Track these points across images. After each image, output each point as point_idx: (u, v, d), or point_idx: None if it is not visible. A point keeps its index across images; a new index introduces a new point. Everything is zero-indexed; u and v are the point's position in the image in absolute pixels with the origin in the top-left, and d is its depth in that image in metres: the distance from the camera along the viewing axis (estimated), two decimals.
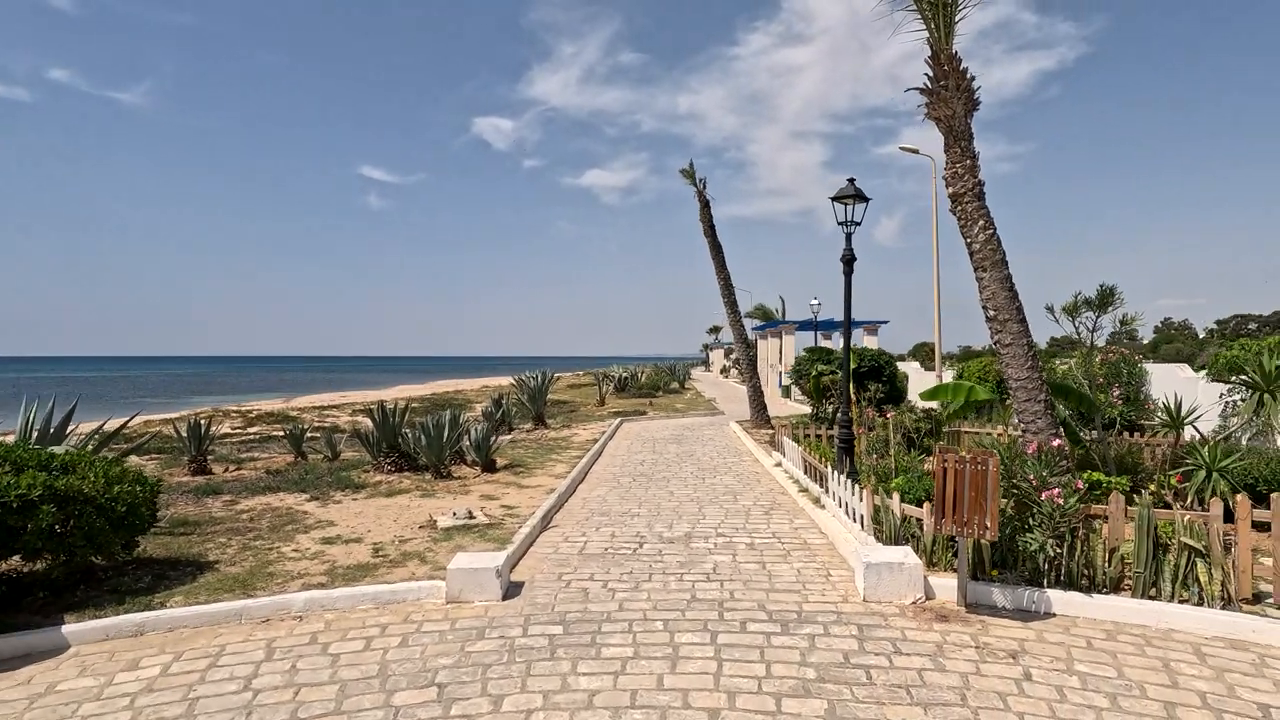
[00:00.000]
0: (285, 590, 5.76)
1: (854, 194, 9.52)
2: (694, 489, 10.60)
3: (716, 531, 7.99)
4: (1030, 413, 6.83)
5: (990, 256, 7.03)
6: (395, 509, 8.84)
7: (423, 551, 6.86)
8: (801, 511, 8.95)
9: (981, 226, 7.09)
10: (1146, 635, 5.02)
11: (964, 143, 7.25)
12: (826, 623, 5.23)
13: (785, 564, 6.76)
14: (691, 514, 8.90)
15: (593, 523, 8.46)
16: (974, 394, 8.34)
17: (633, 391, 33.53)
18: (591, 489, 10.68)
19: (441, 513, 8.37)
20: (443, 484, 10.49)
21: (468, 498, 9.56)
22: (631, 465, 13.01)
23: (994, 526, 5.06)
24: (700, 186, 18.65)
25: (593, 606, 5.61)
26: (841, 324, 32.49)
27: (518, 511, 8.67)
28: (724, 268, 18.57)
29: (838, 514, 7.94)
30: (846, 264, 9.72)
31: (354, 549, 6.99)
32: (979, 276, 7.12)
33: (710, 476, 11.71)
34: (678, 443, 16.41)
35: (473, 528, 7.67)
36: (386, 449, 11.79)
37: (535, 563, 6.82)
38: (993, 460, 5.02)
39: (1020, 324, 6.97)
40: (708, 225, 18.57)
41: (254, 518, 8.34)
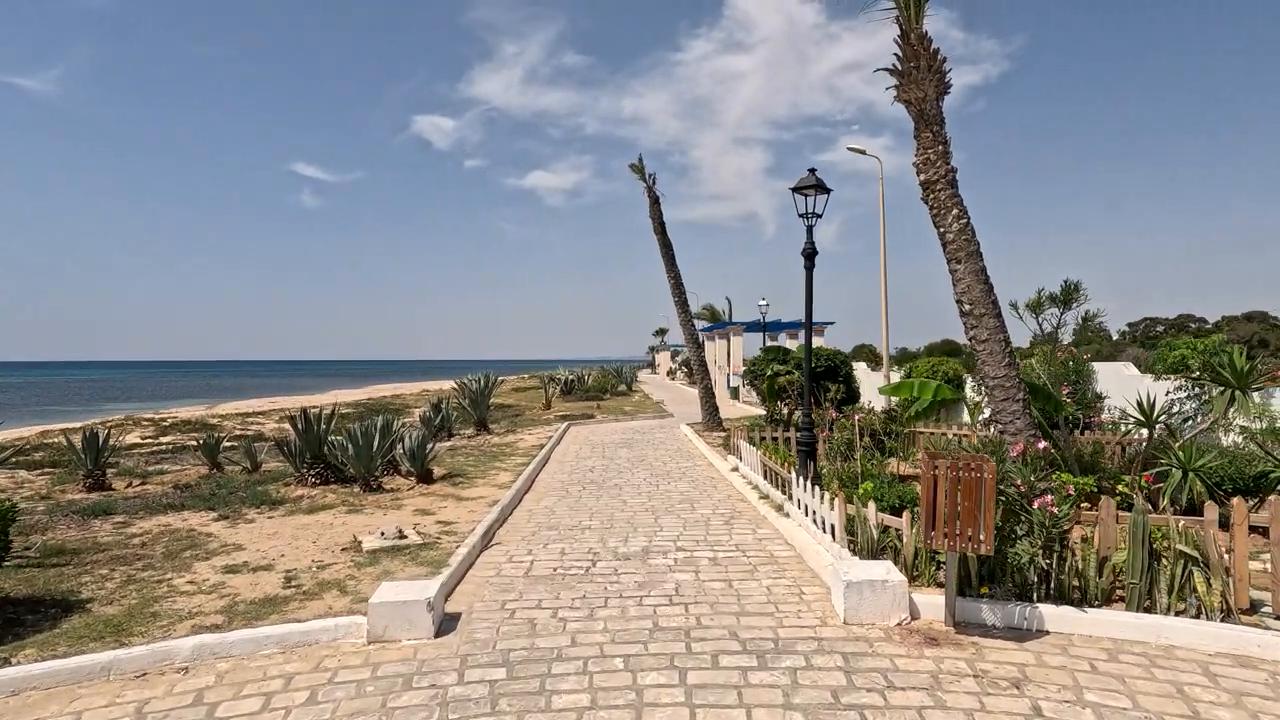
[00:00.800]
0: (170, 635, 4.82)
1: (815, 185, 9.06)
2: (648, 497, 9.95)
3: (676, 545, 7.36)
4: (1009, 413, 6.45)
5: (965, 247, 6.63)
6: (316, 528, 7.88)
7: (343, 580, 5.97)
8: (764, 520, 8.40)
9: (955, 215, 6.68)
10: (1148, 654, 4.62)
11: (935, 127, 6.84)
12: (807, 652, 4.64)
13: (753, 581, 6.16)
14: (647, 525, 8.24)
15: (540, 538, 7.71)
16: (940, 392, 7.98)
17: (579, 394, 32.73)
18: (538, 499, 9.90)
19: (368, 532, 7.47)
20: (372, 498, 9.53)
21: (399, 513, 8.65)
22: (581, 472, 12.27)
23: (989, 539, 4.57)
24: (649, 182, 18.08)
25: (541, 642, 4.87)
26: (790, 325, 32.38)
27: (456, 528, 7.84)
28: (674, 265, 18.03)
29: (804, 523, 7.41)
30: (808, 258, 9.25)
31: (262, 579, 6.05)
32: (953, 269, 6.71)
33: (664, 483, 11.08)
34: (628, 447, 15.75)
35: (403, 549, 6.81)
36: (310, 460, 10.73)
37: (475, 589, 6.03)
38: (988, 467, 4.53)
39: (997, 319, 6.59)
40: (657, 222, 18.00)
41: (148, 542, 7.26)
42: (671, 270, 17.97)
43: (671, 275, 17.98)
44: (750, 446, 10.69)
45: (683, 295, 18.03)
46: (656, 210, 18.00)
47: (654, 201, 18.00)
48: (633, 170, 18.14)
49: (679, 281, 18.01)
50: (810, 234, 9.27)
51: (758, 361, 13.13)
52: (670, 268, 17.99)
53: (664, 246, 18.02)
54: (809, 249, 9.24)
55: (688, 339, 18.14)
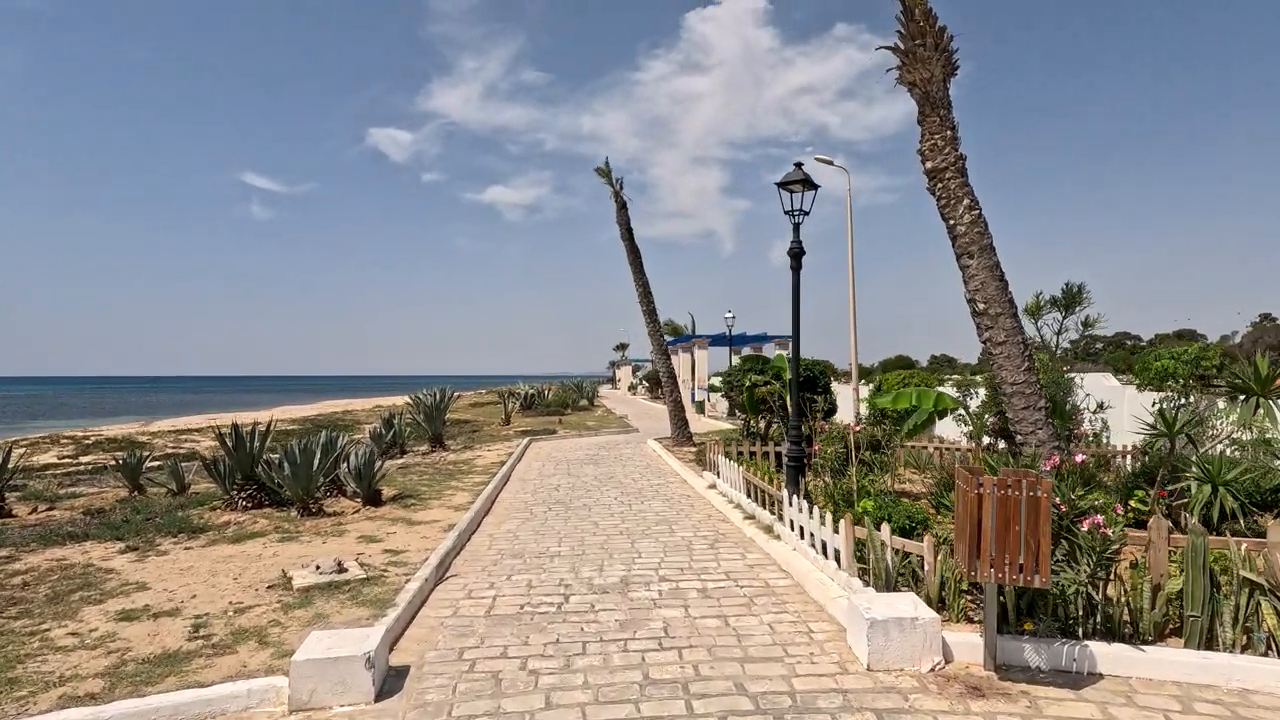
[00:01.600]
0: (28, 709, 3.77)
1: (802, 180, 8.43)
2: (621, 518, 9.09)
3: (659, 574, 6.51)
4: (1029, 422, 5.82)
5: (978, 241, 6.02)
6: (240, 561, 6.79)
7: (265, 627, 4.96)
8: (751, 543, 7.63)
9: (967, 206, 6.08)
10: (1223, 700, 3.96)
11: (943, 111, 6.25)
12: (833, 710, 3.85)
13: (752, 617, 5.36)
14: (624, 551, 7.38)
15: (503, 569, 6.78)
16: (942, 401, 7.38)
17: (540, 409, 31.66)
18: (500, 523, 8.94)
19: (302, 564, 6.43)
20: (311, 523, 8.44)
21: (341, 541, 7.60)
22: (545, 491, 11.33)
23: (1046, 569, 3.87)
24: (616, 187, 17.35)
25: (509, 704, 3.97)
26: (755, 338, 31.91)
27: (406, 558, 6.85)
28: (642, 273, 17.29)
29: (800, 547, 6.66)
30: (794, 257, 8.59)
31: (164, 627, 4.99)
32: (964, 265, 6.09)
33: (637, 502, 10.23)
34: (594, 463, 14.85)
35: (342, 586, 5.81)
36: (241, 480, 9.57)
37: (427, 633, 5.08)
38: (1043, 485, 3.84)
39: (1014, 319, 5.99)
40: (624, 228, 17.27)
41: (31, 581, 6.09)
42: (639, 278, 17.24)
43: (639, 283, 17.24)
44: (730, 462, 9.94)
45: (651, 304, 17.30)
46: (624, 215, 17.28)
47: (621, 206, 17.27)
48: (599, 175, 17.42)
49: (647, 289, 17.28)
50: (797, 231, 8.62)
51: (734, 372, 12.44)
52: (638, 275, 17.25)
53: (631, 252, 17.28)
54: (796, 247, 8.58)
55: (656, 349, 17.40)
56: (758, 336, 31.75)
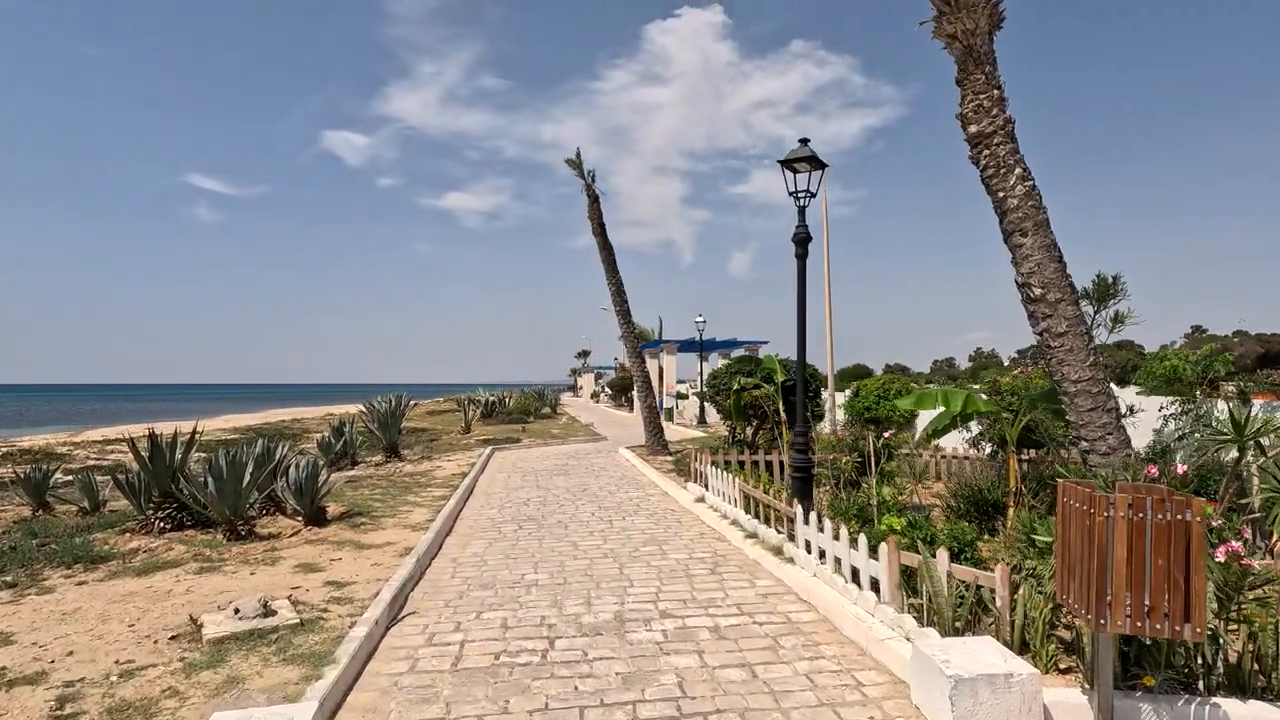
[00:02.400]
0: None
1: (808, 157, 7.55)
2: (603, 538, 8.03)
3: (658, 608, 5.48)
4: (1097, 426, 4.99)
5: (1032, 216, 5.20)
6: (144, 600, 5.52)
7: (156, 699, 3.76)
8: (758, 567, 6.66)
9: (1019, 176, 5.25)
10: None
11: (988, 68, 5.43)
12: None
13: (783, 665, 4.38)
14: (613, 579, 6.33)
15: (471, 603, 5.66)
16: (972, 404, 6.56)
17: (501, 418, 30.31)
18: (465, 544, 7.79)
19: (219, 606, 5.20)
20: (239, 549, 7.16)
21: (274, 571, 6.37)
22: (514, 506, 10.19)
23: (1201, 615, 2.97)
24: (588, 179, 16.33)
25: None
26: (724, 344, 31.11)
27: (352, 592, 5.68)
28: (615, 272, 16.29)
29: (821, 573, 5.71)
30: (799, 244, 7.70)
31: (17, 702, 3.76)
32: (1016, 244, 5.26)
33: (619, 518, 9.18)
34: (565, 474, 13.73)
35: (267, 634, 4.62)
36: (160, 498, 8.21)
37: (375, 699, 3.95)
38: (1193, 506, 2.95)
39: (1075, 306, 5.17)
40: (596, 223, 16.24)
41: None
42: (612, 276, 16.22)
43: (613, 282, 16.22)
44: (723, 473, 8.97)
45: (624, 304, 16.28)
46: (596, 209, 16.25)
47: (593, 200, 16.26)
48: (570, 166, 16.37)
49: (620, 289, 16.26)
50: (802, 215, 7.73)
51: (719, 374, 11.53)
52: (611, 273, 16.24)
53: (604, 249, 16.25)
54: (801, 233, 7.69)
55: (629, 352, 16.39)
56: (728, 342, 31.04)
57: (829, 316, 21.59)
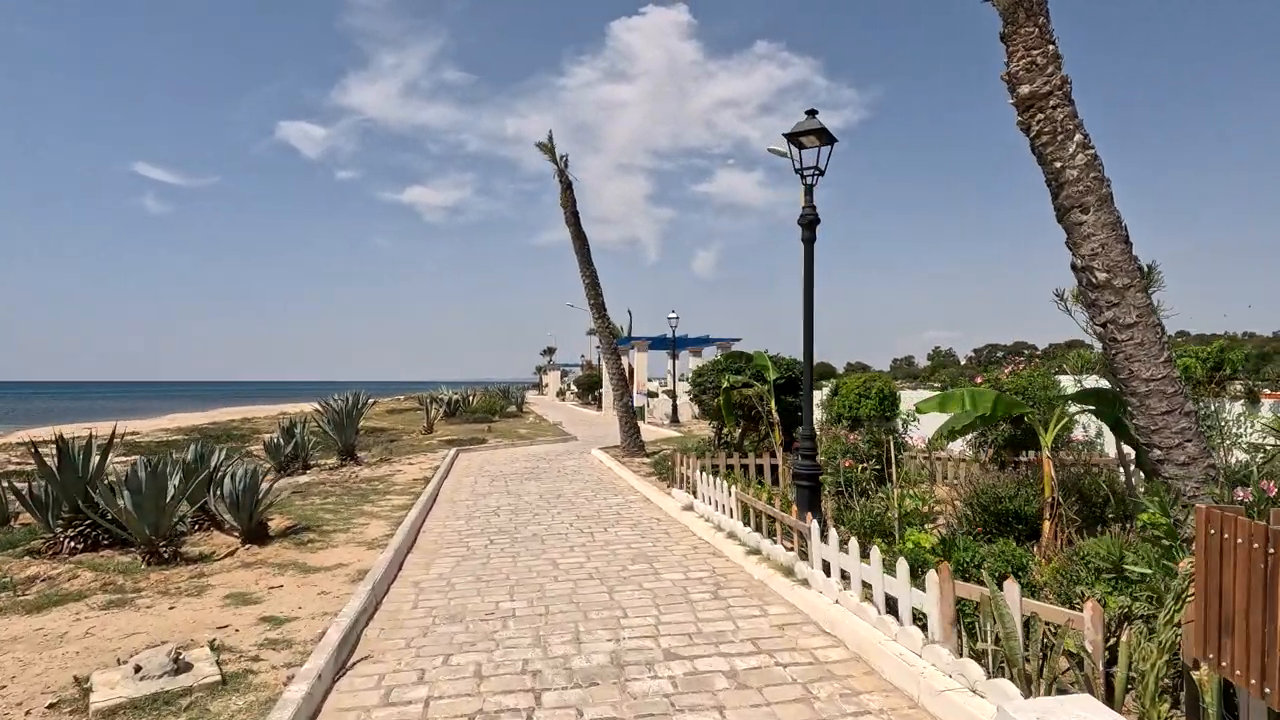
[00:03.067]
0: None
1: (816, 130, 6.81)
2: (585, 553, 7.18)
3: (660, 646, 4.66)
4: (1173, 431, 4.33)
5: (1095, 189, 4.51)
6: (28, 649, 4.48)
7: None
8: (766, 589, 5.89)
9: (1079, 144, 4.56)
10: None
11: (1041, 19, 4.73)
12: None
13: None
14: (602, 606, 5.48)
15: (437, 642, 4.75)
16: (1001, 406, 5.91)
17: (465, 417, 29.14)
18: (428, 563, 6.85)
19: (120, 658, 4.19)
20: (160, 575, 6.11)
21: (199, 603, 5.36)
22: (483, 516, 9.26)
23: None
24: (561, 165, 15.39)
25: None
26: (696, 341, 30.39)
27: (292, 632, 4.72)
28: (590, 263, 15.40)
29: (846, 600, 4.95)
30: (806, 227, 6.96)
31: None
32: (1075, 222, 4.56)
33: (600, 530, 8.33)
34: (536, 478, 12.82)
35: (175, 700, 3.64)
36: (70, 513, 7.09)
37: None
38: None
39: (1144, 293, 4.50)
40: (570, 211, 15.32)
41: None
42: (586, 268, 15.32)
43: (587, 274, 15.32)
44: (716, 480, 8.19)
45: (599, 297, 15.40)
46: (569, 197, 15.33)
47: (566, 187, 15.33)
48: (542, 150, 15.42)
49: (595, 281, 15.36)
50: (810, 195, 6.98)
51: (706, 372, 10.75)
52: (585, 265, 15.34)
53: (577, 239, 15.33)
54: (809, 214, 6.95)
55: (604, 348, 15.52)
56: (700, 339, 30.39)
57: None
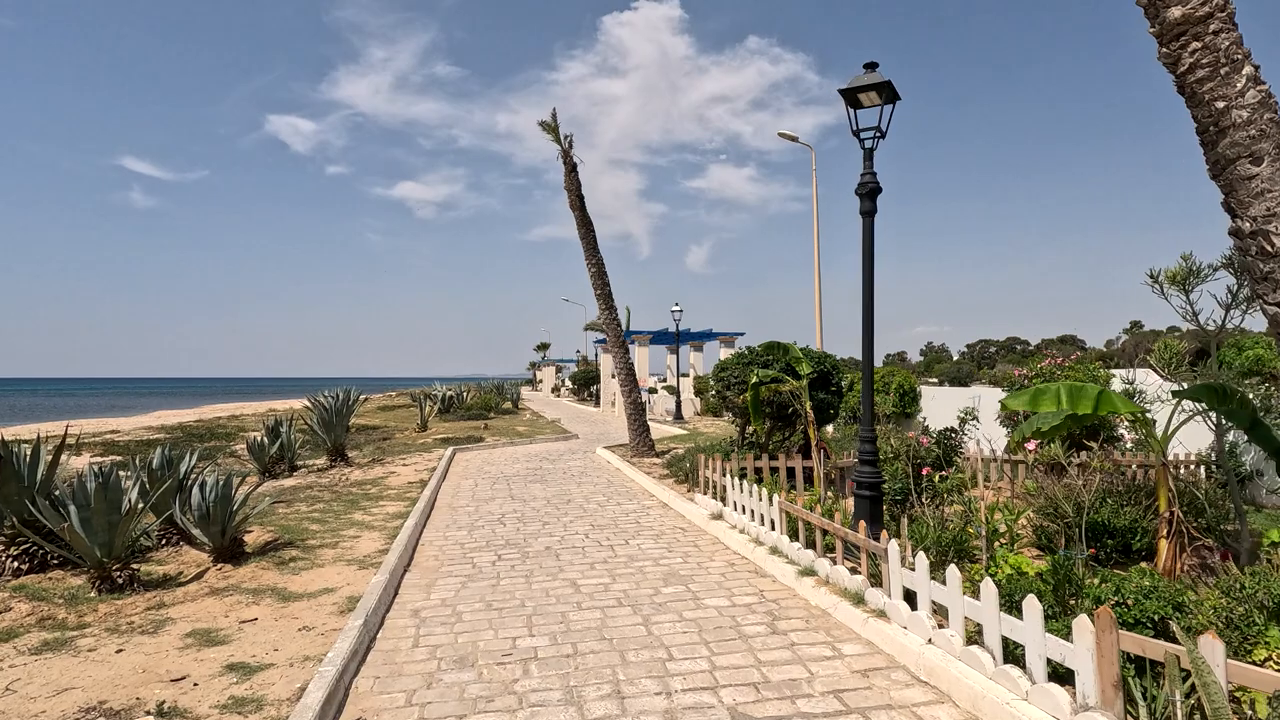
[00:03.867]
0: None
1: (877, 85, 5.89)
2: (609, 572, 6.27)
3: (723, 701, 3.75)
4: None
5: (1271, 134, 3.61)
6: None
7: None
8: (830, 620, 4.99)
9: (1250, 77, 3.67)
10: None
11: None
12: None
13: None
14: (640, 644, 4.57)
15: (445, 698, 3.83)
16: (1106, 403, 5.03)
17: (460, 414, 28.17)
18: (429, 585, 5.92)
19: None
20: (112, 605, 5.15)
21: (154, 643, 4.41)
22: (487, 525, 8.33)
23: None
24: (565, 145, 14.39)
25: None
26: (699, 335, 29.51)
27: (264, 687, 3.79)
28: (596, 250, 14.42)
29: (946, 642, 4.06)
30: (868, 197, 6.04)
31: None
32: (1243, 175, 3.66)
33: (620, 541, 7.43)
34: (541, 480, 11.89)
35: None
36: (12, 530, 6.11)
37: None
38: None
39: None
40: (575, 194, 14.33)
41: None
42: (592, 256, 14.35)
43: (592, 261, 14.35)
44: (750, 486, 7.28)
45: (606, 286, 14.42)
46: (574, 180, 14.33)
47: (571, 169, 14.34)
48: (544, 130, 14.43)
49: (601, 269, 14.39)
50: (870, 160, 6.06)
51: (730, 365, 9.79)
52: (590, 252, 14.38)
53: (582, 224, 14.36)
54: (869, 183, 6.03)
55: (612, 341, 14.56)
56: (702, 333, 29.51)
57: (818, 300, 20.19)
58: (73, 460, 18.62)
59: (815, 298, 20.07)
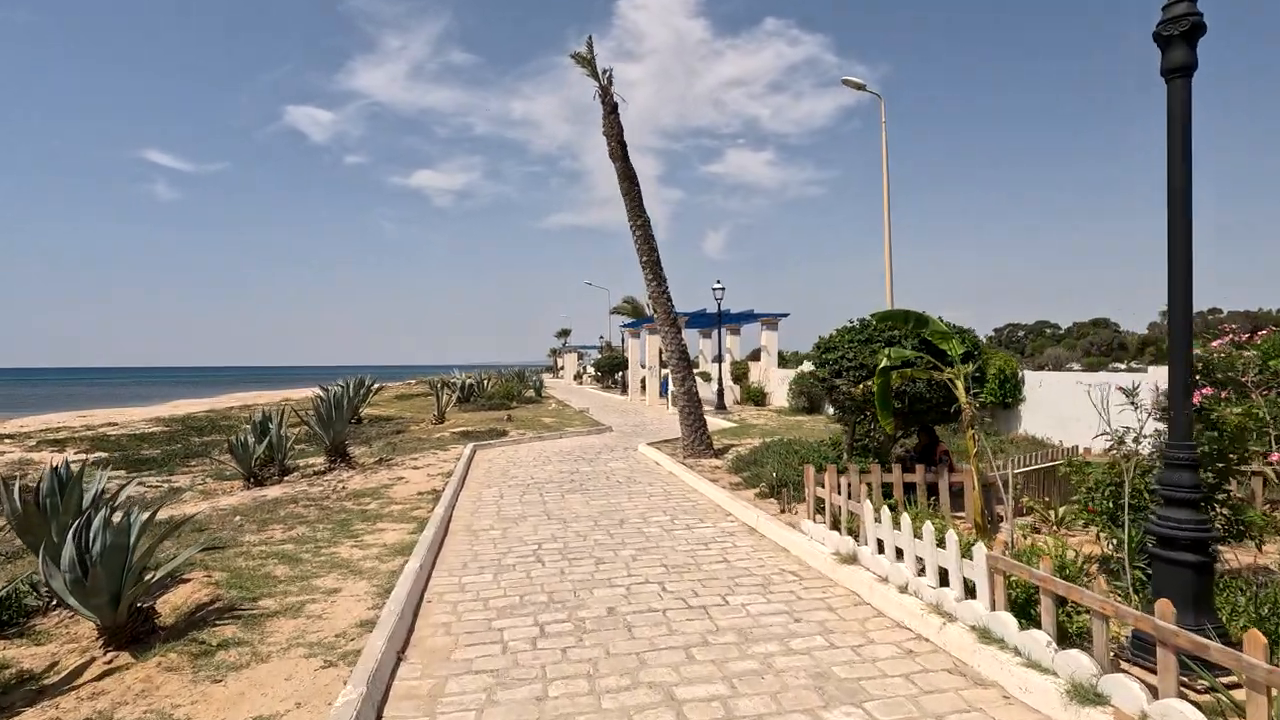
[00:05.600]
0: None
1: None
2: (718, 666, 3.90)
3: None
4: None
5: None
6: None
7: None
8: None
9: None
10: None
11: None
12: None
13: None
14: None
15: None
16: None
17: (481, 403, 26.01)
18: (434, 698, 3.60)
19: None
20: None
21: None
22: (520, 565, 6.01)
23: None
24: (604, 81, 11.90)
25: None
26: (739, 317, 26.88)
27: None
28: (641, 209, 11.93)
29: None
30: (1182, 40, 3.55)
31: None
32: None
33: (715, 600, 5.05)
34: (581, 489, 9.58)
35: None
36: None
37: None
38: None
39: None
40: (616, 140, 11.83)
41: None
42: (638, 216, 11.86)
43: (638, 223, 11.87)
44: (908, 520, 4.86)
45: (654, 252, 11.92)
46: (614, 123, 11.84)
47: (610, 110, 11.85)
48: (578, 63, 11.92)
49: (649, 232, 11.88)
50: None
51: (841, 342, 7.22)
52: (636, 212, 11.88)
53: (625, 178, 11.88)
54: (1190, 14, 3.53)
55: (661, 318, 12.07)
56: (742, 315, 26.99)
57: (888, 263, 17.56)
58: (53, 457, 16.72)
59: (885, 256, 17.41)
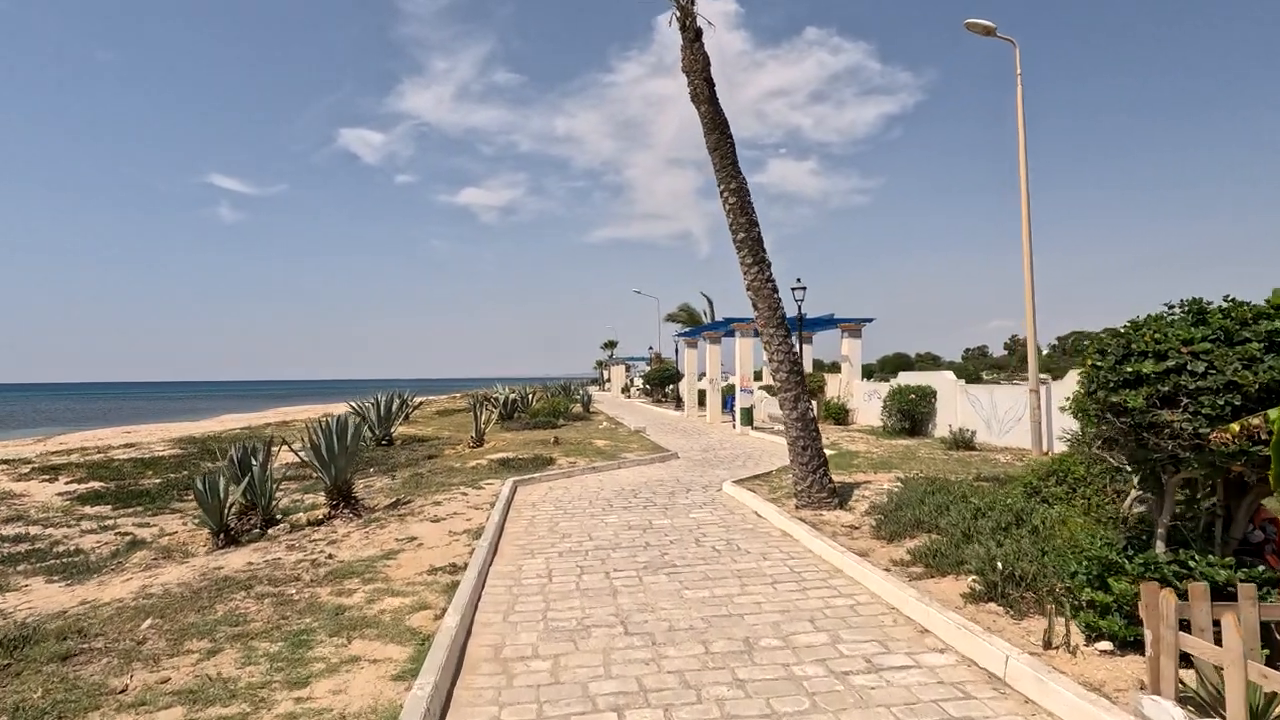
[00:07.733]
0: None
1: None
2: None
3: None
4: None
5: None
6: None
7: None
8: None
9: None
10: None
11: None
12: None
13: None
14: None
15: None
16: None
17: (524, 420, 23.18)
18: None
19: None
20: None
21: None
22: None
23: None
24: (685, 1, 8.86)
25: None
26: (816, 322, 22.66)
27: None
28: (735, 167, 8.68)
29: None
30: None
31: None
32: None
33: None
34: (668, 567, 6.45)
35: None
36: None
37: None
38: None
39: None
40: (701, 79, 8.68)
41: None
42: (731, 177, 8.62)
43: (730, 187, 8.65)
44: None
45: (754, 226, 8.62)
46: (697, 55, 8.70)
47: (693, 38, 8.71)
48: None
49: (745, 200, 8.66)
50: None
51: (1172, 337, 4.03)
52: (728, 172, 8.63)
53: (713, 127, 8.67)
54: None
55: (765, 314, 8.76)
56: (820, 319, 23.55)
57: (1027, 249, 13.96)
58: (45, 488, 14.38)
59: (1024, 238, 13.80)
